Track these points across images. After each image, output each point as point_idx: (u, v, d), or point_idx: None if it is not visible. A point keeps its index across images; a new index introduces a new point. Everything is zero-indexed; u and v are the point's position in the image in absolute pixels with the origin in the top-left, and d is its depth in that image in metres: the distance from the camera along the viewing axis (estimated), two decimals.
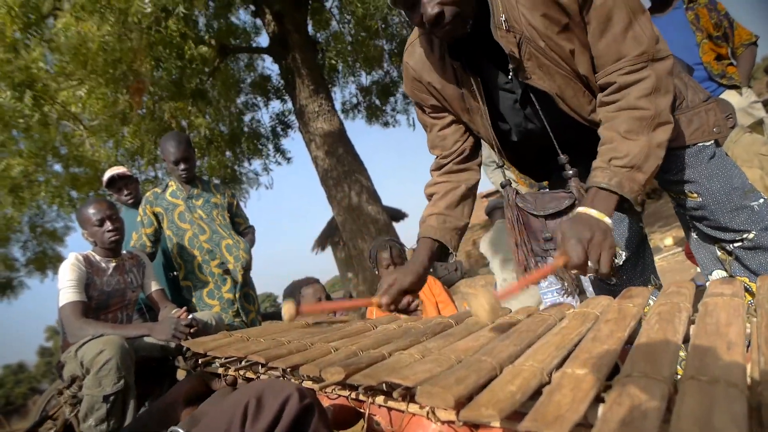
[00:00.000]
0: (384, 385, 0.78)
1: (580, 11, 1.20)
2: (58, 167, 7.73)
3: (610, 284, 1.60)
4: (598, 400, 0.60)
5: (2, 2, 4.53)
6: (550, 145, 1.37)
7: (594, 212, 1.12)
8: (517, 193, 1.44)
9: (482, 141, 1.58)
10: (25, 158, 6.74)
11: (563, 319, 0.97)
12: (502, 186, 1.48)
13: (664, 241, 5.77)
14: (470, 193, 1.57)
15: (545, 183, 1.72)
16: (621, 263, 1.56)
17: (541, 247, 1.40)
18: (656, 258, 5.37)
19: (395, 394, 0.75)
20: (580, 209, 1.16)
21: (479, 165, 1.60)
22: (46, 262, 10.31)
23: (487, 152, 3.67)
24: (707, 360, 0.59)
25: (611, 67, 1.22)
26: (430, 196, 1.58)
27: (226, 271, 3.08)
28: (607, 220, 1.12)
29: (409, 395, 0.74)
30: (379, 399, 0.83)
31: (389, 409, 0.85)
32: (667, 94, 1.20)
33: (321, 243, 18.94)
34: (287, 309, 1.10)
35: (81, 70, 5.58)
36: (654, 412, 0.50)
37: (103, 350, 2.07)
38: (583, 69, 1.26)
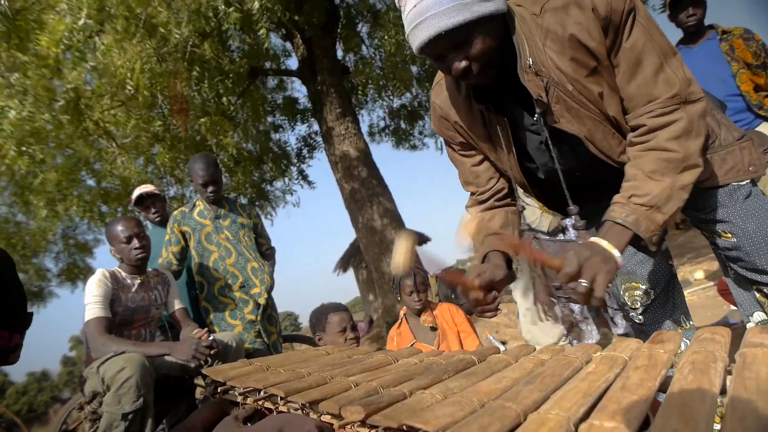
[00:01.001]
0: (404, 426, 0.76)
1: (608, 54, 1.20)
2: (90, 182, 7.96)
3: (639, 323, 1.55)
4: None
5: (47, 27, 4.73)
6: (576, 184, 1.36)
7: (604, 243, 1.13)
8: (535, 237, 1.44)
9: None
10: (61, 173, 6.95)
11: (590, 362, 0.94)
12: (522, 231, 1.49)
13: (695, 274, 5.61)
14: (515, 218, 1.58)
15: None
16: (649, 302, 1.51)
17: (553, 294, 1.40)
18: (686, 292, 5.19)
19: None
20: (592, 239, 1.16)
21: (514, 201, 1.61)
22: (76, 273, 10.54)
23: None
24: (749, 419, 0.56)
25: (642, 109, 1.20)
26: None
27: (248, 294, 3.10)
28: (616, 252, 1.12)
29: None
30: None
31: None
32: (698, 137, 1.18)
33: (343, 264, 18.95)
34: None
35: (121, 92, 5.76)
36: None
37: (125, 368, 2.10)
38: (613, 111, 1.25)
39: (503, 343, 5.09)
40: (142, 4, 4.94)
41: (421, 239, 17.56)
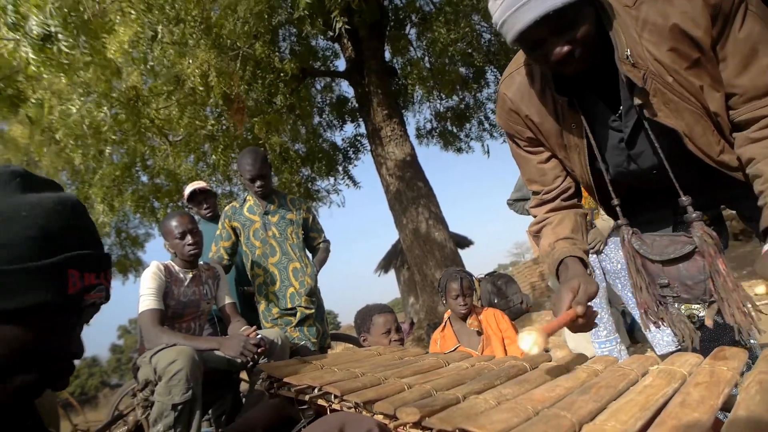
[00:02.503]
0: (458, 430, 0.77)
1: (714, 46, 1.13)
2: (144, 178, 8.27)
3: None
4: None
5: (116, 34, 4.95)
6: (647, 187, 1.31)
7: None
8: (634, 233, 1.35)
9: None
10: (117, 168, 7.26)
11: (646, 375, 0.92)
12: (618, 226, 1.39)
13: (755, 289, 5.33)
14: (583, 221, 1.49)
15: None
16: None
17: (658, 293, 1.31)
18: None
19: None
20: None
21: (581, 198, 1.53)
22: (127, 265, 10.93)
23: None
24: None
25: (763, 100, 1.13)
26: (539, 231, 1.51)
27: (285, 294, 3.13)
28: None
29: None
30: None
31: None
32: None
33: (385, 265, 19.01)
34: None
35: (179, 92, 5.98)
36: None
37: (176, 360, 2.17)
38: (714, 106, 1.18)
39: (547, 350, 5.02)
40: (205, 9, 5.12)
41: (464, 243, 17.45)
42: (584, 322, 1.13)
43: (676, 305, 1.30)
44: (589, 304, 1.15)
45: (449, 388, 1.01)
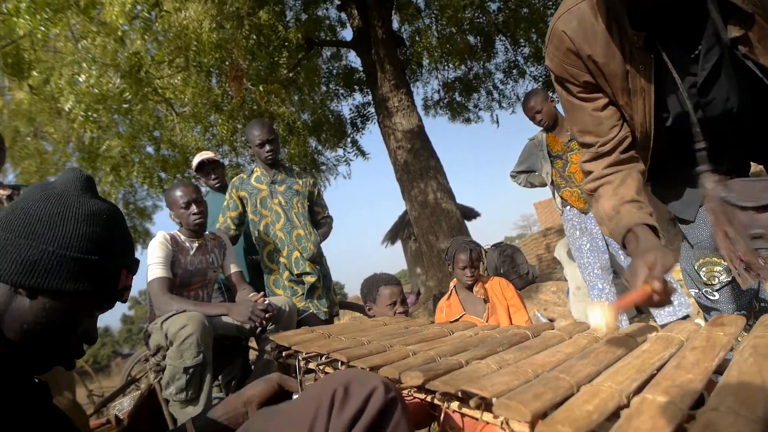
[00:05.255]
0: (460, 392, 0.80)
1: None
2: (150, 149, 8.29)
3: (712, 300, 1.44)
4: (681, 430, 0.59)
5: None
6: (717, 139, 1.19)
7: None
8: (720, 180, 1.22)
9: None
10: (123, 140, 7.27)
11: (645, 342, 0.95)
12: (700, 172, 1.24)
13: None
14: (644, 178, 1.35)
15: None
16: (730, 279, 1.38)
17: (748, 246, 1.17)
18: None
19: (471, 403, 0.77)
20: None
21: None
22: (136, 237, 11.03)
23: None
24: None
25: None
26: (595, 190, 1.37)
27: (289, 260, 3.17)
28: None
29: (484, 405, 0.76)
30: (454, 405, 0.85)
31: (463, 415, 0.87)
32: None
33: (392, 236, 19.10)
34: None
35: (179, 59, 5.94)
36: None
37: (186, 325, 2.22)
38: None
39: (551, 320, 5.07)
40: None
41: (471, 214, 17.45)
42: (660, 299, 1.04)
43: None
44: (665, 278, 1.05)
45: (453, 354, 1.03)
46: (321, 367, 1.14)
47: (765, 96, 1.12)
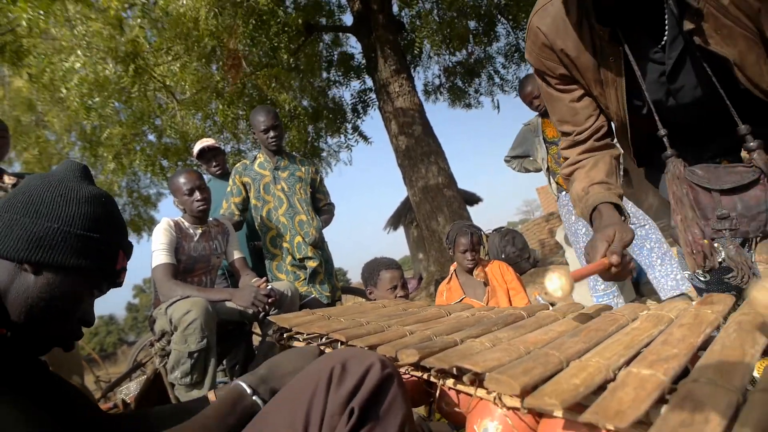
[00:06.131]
0: (455, 369, 0.83)
1: None
2: (152, 137, 8.31)
3: (703, 281, 1.47)
4: (663, 401, 0.61)
5: None
6: (687, 126, 1.24)
7: None
8: (686, 165, 1.27)
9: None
10: (125, 127, 7.28)
11: (636, 320, 0.97)
12: (666, 157, 1.31)
13: None
14: (618, 163, 1.43)
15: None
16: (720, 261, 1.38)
17: (712, 227, 1.24)
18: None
19: (465, 379, 0.79)
20: None
21: (614, 140, 1.46)
22: (140, 224, 11.08)
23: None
24: None
25: None
26: (570, 174, 1.45)
27: (292, 245, 3.20)
28: None
29: (478, 380, 0.79)
30: (449, 382, 0.88)
31: (458, 391, 0.89)
32: None
33: (394, 222, 19.11)
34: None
35: (178, 46, 5.92)
36: (717, 418, 0.51)
37: (190, 311, 2.25)
38: None
39: (552, 304, 5.11)
40: None
41: (473, 199, 17.44)
42: (618, 272, 1.08)
43: (732, 239, 1.23)
44: (625, 252, 1.11)
45: (448, 333, 1.06)
46: (321, 348, 1.17)
47: (730, 83, 1.16)
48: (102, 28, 5.33)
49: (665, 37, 1.19)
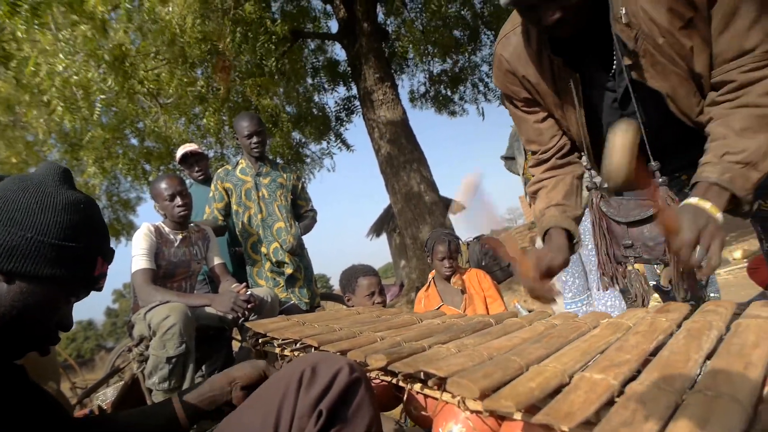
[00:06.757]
0: (422, 373, 0.86)
1: (709, 5, 1.12)
2: (134, 141, 8.23)
3: (666, 290, 1.56)
4: (612, 403, 0.65)
5: None
6: (642, 147, 1.29)
7: (707, 205, 1.07)
8: (602, 197, 1.39)
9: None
10: (107, 131, 7.21)
11: (596, 328, 1.01)
12: (588, 189, 1.43)
13: (734, 253, 5.51)
14: (579, 182, 1.52)
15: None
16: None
17: (622, 254, 1.36)
18: (723, 271, 5.14)
19: (430, 383, 0.83)
20: (692, 200, 1.09)
21: (579, 157, 1.54)
22: (119, 229, 10.93)
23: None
24: (719, 377, 0.63)
25: (731, 64, 1.14)
26: (535, 193, 1.54)
27: (269, 251, 3.22)
28: (719, 216, 1.06)
29: (442, 385, 0.82)
30: (417, 386, 0.91)
31: (425, 396, 0.93)
32: None
33: (376, 229, 19.16)
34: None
35: (164, 52, 5.91)
36: (656, 417, 0.55)
37: (169, 316, 2.25)
38: (700, 67, 1.19)
39: (530, 311, 5.16)
40: None
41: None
42: (540, 290, 1.25)
43: (636, 266, 1.37)
44: (552, 283, 1.27)
45: (418, 339, 1.09)
46: (295, 353, 1.20)
47: (669, 112, 1.27)
48: (86, 30, 5.29)
49: (614, 67, 1.28)
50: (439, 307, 2.83)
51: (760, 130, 1.11)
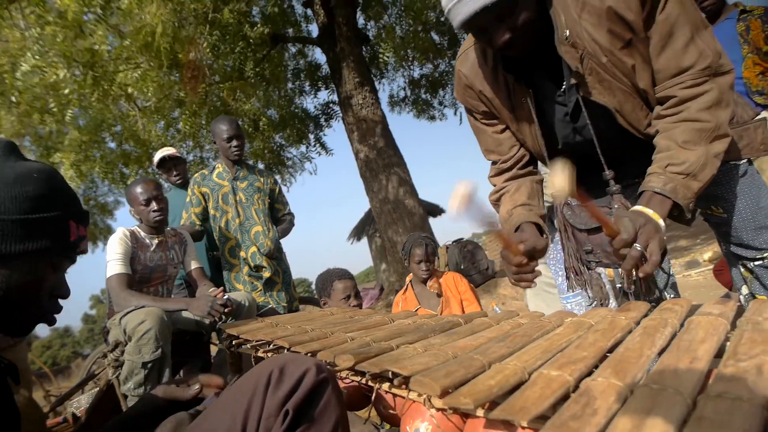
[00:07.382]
0: (390, 373, 0.88)
1: (645, 27, 1.22)
2: (112, 144, 8.13)
3: (628, 293, 1.60)
4: (567, 398, 0.67)
5: None
6: (596, 159, 1.40)
7: (649, 211, 1.15)
8: (566, 204, 1.45)
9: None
10: (83, 133, 7.11)
11: (560, 327, 1.04)
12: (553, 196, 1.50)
13: (704, 255, 5.65)
14: (540, 186, 1.60)
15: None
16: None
17: (584, 258, 1.43)
18: (693, 272, 5.27)
19: (396, 382, 0.85)
20: (636, 208, 1.18)
21: (537, 166, 1.63)
22: (96, 233, 10.79)
23: None
24: (666, 371, 0.65)
25: (672, 81, 1.23)
26: (498, 200, 1.60)
27: (247, 255, 3.22)
28: (661, 222, 1.14)
29: (407, 383, 0.84)
30: (385, 385, 0.92)
31: (394, 395, 0.94)
32: (727, 108, 1.22)
33: (357, 233, 19.15)
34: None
35: (139, 55, 5.85)
36: (604, 410, 0.57)
37: (144, 320, 2.24)
38: (643, 84, 1.28)
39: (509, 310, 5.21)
40: None
41: (436, 211, 17.62)
42: (526, 269, 1.31)
43: (598, 270, 1.42)
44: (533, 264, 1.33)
45: (387, 339, 1.11)
46: (268, 354, 1.21)
47: (619, 124, 1.36)
48: (59, 31, 5.22)
49: (564, 84, 1.36)
50: (416, 310, 2.85)
51: (700, 142, 1.20)
